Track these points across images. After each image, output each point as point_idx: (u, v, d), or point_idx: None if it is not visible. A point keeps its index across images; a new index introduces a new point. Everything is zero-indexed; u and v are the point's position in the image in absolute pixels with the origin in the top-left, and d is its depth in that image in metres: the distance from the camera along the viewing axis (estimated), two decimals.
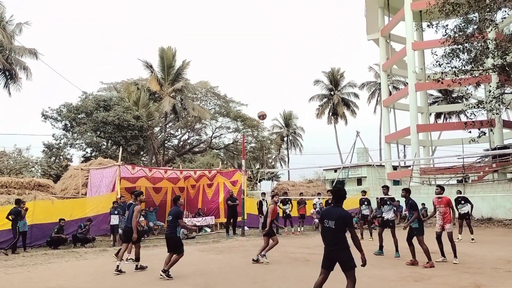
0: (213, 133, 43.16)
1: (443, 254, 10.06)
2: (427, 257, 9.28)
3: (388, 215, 11.58)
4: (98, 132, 28.99)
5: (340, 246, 5.49)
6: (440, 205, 10.26)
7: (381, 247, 11.31)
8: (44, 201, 15.18)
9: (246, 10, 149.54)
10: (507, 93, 22.71)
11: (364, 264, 5.52)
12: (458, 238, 14.13)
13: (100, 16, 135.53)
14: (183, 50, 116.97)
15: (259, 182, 37.55)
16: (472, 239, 14.33)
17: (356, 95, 51.88)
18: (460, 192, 15.58)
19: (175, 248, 8.60)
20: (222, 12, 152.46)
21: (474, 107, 22.23)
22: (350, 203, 21.26)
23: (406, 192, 10.17)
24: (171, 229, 8.65)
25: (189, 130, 42.80)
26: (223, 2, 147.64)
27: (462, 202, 14.81)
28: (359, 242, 5.57)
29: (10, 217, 12.61)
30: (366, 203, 15.71)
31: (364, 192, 16.28)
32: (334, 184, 6.46)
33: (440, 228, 10.15)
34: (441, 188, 10.67)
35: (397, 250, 10.84)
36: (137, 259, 9.52)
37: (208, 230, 18.85)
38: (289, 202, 18.68)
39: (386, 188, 12.46)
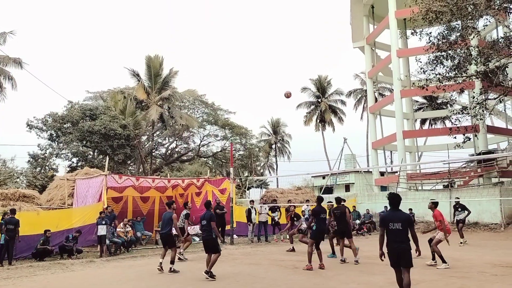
0: (201, 141, 43.10)
1: (433, 258, 10.42)
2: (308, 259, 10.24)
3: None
4: (84, 142, 28.72)
5: (407, 243, 6.36)
6: (435, 220, 10.93)
7: (333, 252, 12.34)
8: (29, 213, 14.95)
9: (234, 18, 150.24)
10: (490, 99, 23.07)
11: (419, 254, 6.77)
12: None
13: (86, 23, 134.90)
14: (170, 58, 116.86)
15: (248, 190, 37.55)
16: (461, 243, 14.62)
17: (343, 102, 52.30)
18: (458, 199, 16.25)
19: (214, 249, 9.25)
20: (210, 20, 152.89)
21: (459, 113, 22.52)
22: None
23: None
24: (208, 232, 9.29)
25: (176, 139, 42.68)
26: (210, 10, 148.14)
27: (459, 209, 15.87)
28: (417, 239, 6.79)
29: (9, 227, 12.56)
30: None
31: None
32: (388, 193, 7.02)
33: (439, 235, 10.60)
34: (432, 203, 11.30)
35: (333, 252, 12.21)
36: (172, 262, 10.17)
37: (197, 239, 18.68)
38: (277, 210, 18.67)
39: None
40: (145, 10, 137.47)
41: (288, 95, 16.09)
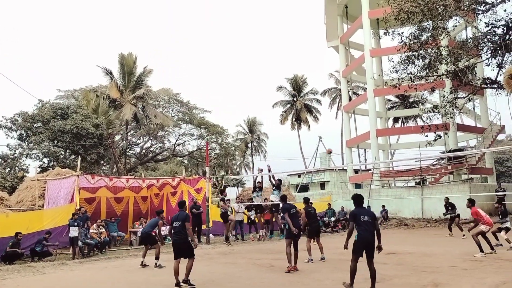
0: (176, 141, 42.73)
1: (492, 248, 10.93)
2: (291, 260, 9.73)
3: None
4: (56, 142, 28.03)
5: (374, 237, 7.20)
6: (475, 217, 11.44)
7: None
8: None
9: (209, 18, 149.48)
10: (460, 98, 23.71)
11: (380, 250, 7.27)
12: (449, 235, 15.68)
13: (56, 20, 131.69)
14: (144, 56, 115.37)
15: (224, 189, 37.39)
16: (464, 235, 15.10)
17: (318, 101, 52.74)
18: (448, 199, 17.04)
19: (189, 253, 8.34)
20: (183, 19, 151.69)
21: (430, 111, 23.05)
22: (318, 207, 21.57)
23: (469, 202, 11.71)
24: (181, 235, 8.38)
25: (151, 138, 42.17)
26: (184, 8, 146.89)
27: (450, 208, 16.64)
28: (380, 233, 7.35)
29: None
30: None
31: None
32: (353, 194, 7.96)
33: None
34: (469, 201, 11.81)
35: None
36: (157, 257, 10.91)
37: None
38: (253, 209, 18.68)
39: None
40: (114, 7, 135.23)
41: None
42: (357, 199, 7.77)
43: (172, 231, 8.66)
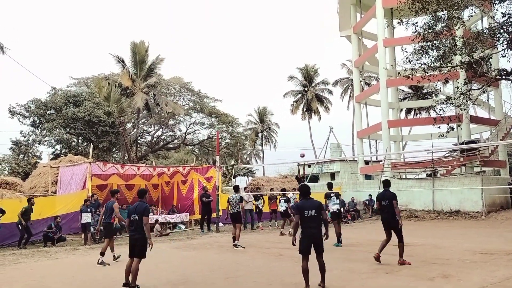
0: (187, 129, 42.93)
1: None
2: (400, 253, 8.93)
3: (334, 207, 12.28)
4: (68, 129, 28.35)
5: (319, 229, 6.83)
6: None
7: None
8: (11, 200, 14.77)
9: (221, 6, 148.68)
10: (474, 89, 23.32)
11: (326, 238, 6.96)
12: None
13: (69, 7, 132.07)
14: (155, 44, 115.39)
15: (234, 178, 37.57)
16: None
17: (329, 91, 52.37)
18: None
19: (139, 252, 7.27)
20: (196, 6, 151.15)
21: (443, 103, 22.73)
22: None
23: None
24: (139, 230, 7.23)
25: (162, 126, 42.43)
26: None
27: None
28: (327, 223, 7.12)
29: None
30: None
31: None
32: (300, 185, 7.81)
33: None
34: None
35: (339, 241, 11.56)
36: (102, 253, 9.96)
37: (183, 227, 18.76)
38: (261, 198, 18.76)
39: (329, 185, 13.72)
40: (115, 6, 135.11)
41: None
42: (303, 190, 7.26)
43: (130, 225, 7.39)
